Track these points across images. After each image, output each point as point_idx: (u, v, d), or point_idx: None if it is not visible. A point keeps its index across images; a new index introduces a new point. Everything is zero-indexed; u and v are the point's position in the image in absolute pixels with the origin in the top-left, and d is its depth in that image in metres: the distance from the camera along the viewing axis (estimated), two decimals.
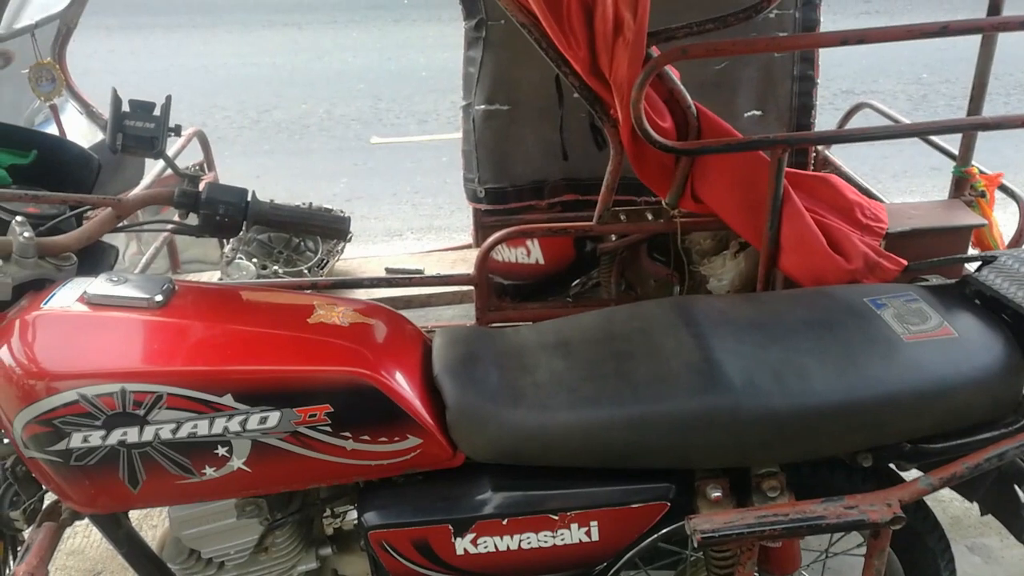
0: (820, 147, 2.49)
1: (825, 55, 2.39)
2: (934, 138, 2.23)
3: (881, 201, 1.95)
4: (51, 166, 1.42)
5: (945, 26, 1.60)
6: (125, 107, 1.33)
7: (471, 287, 2.06)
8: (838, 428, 1.26)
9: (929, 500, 1.37)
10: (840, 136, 2.03)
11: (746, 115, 2.34)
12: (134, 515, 1.43)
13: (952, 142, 2.18)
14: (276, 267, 2.28)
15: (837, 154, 2.53)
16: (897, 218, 1.85)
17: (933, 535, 1.48)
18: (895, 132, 1.84)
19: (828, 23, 2.30)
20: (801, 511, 1.21)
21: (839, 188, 1.83)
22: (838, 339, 1.34)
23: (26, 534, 1.41)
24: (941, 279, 1.55)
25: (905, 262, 1.72)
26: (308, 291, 1.97)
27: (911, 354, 1.30)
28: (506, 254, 2.40)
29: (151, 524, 2.18)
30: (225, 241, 2.57)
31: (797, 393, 1.26)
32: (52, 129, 2.27)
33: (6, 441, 1.31)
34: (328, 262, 2.38)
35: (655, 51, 1.71)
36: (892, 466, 1.40)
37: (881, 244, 1.77)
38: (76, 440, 1.19)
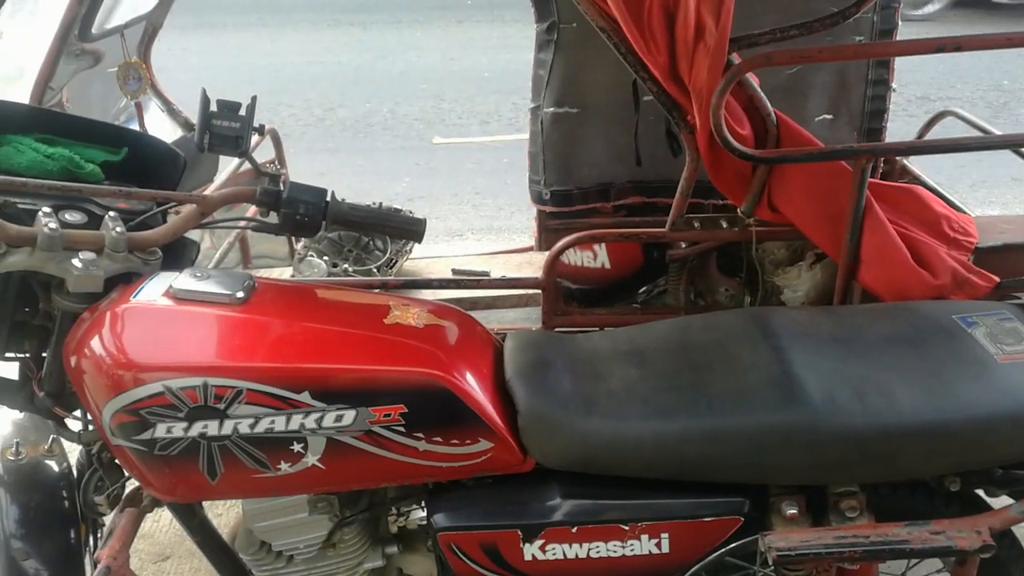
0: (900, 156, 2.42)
1: (900, 59, 2.32)
2: None
3: (968, 214, 1.88)
4: (140, 163, 1.46)
5: None
6: (212, 107, 1.36)
7: (537, 290, 2.06)
8: (925, 450, 1.22)
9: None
10: (928, 146, 1.96)
11: (816, 119, 2.29)
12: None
13: None
14: (346, 265, 2.31)
15: (913, 163, 2.45)
16: (987, 232, 1.78)
17: (1019, 565, 1.42)
18: (988, 143, 1.76)
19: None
20: (883, 534, 1.18)
21: (925, 200, 1.77)
22: (925, 357, 1.30)
23: (107, 519, 1.45)
24: None
25: (997, 279, 1.66)
26: (378, 290, 1.99)
27: (1006, 375, 1.24)
28: (572, 258, 2.39)
29: (216, 513, 2.22)
30: (296, 239, 2.61)
31: (880, 412, 1.22)
32: (136, 126, 2.34)
33: (93, 428, 1.35)
34: (397, 262, 2.40)
35: (736, 57, 1.68)
36: (979, 492, 1.35)
37: (970, 259, 1.70)
38: (160, 430, 1.22)
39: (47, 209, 1.25)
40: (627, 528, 1.29)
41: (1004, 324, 1.34)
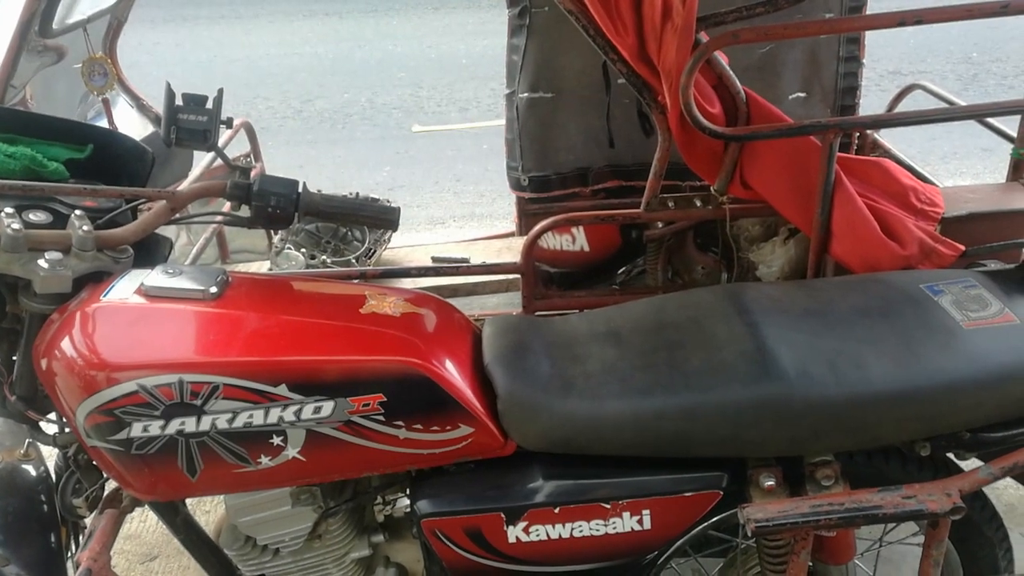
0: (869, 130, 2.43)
1: (871, 35, 2.33)
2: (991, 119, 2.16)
3: (935, 185, 1.90)
4: (107, 160, 1.44)
5: (1005, 5, 1.55)
6: (178, 101, 1.34)
7: (517, 275, 2.06)
8: (895, 418, 1.24)
9: (984, 488, 1.34)
10: (895, 120, 1.97)
11: (790, 97, 2.30)
12: (187, 501, 1.47)
13: (1009, 123, 2.11)
14: (324, 257, 2.30)
15: (884, 136, 2.47)
16: (953, 202, 1.80)
17: (991, 524, 1.45)
18: (952, 114, 1.78)
19: (872, 3, 2.25)
20: (857, 501, 1.19)
21: (892, 172, 1.79)
22: (894, 326, 1.32)
23: (88, 521, 1.45)
24: (1000, 264, 1.51)
25: (962, 247, 1.68)
26: (357, 281, 1.99)
27: (971, 341, 1.26)
28: (551, 242, 2.40)
29: (204, 510, 2.23)
30: (274, 231, 2.60)
31: (853, 382, 1.24)
32: (104, 123, 2.31)
33: (68, 430, 1.35)
34: (375, 251, 2.39)
35: (704, 36, 1.69)
36: (950, 455, 1.37)
37: (937, 229, 1.73)
38: (136, 429, 1.21)
39: (10, 209, 1.23)
40: (609, 506, 1.31)
41: (969, 291, 1.36)
